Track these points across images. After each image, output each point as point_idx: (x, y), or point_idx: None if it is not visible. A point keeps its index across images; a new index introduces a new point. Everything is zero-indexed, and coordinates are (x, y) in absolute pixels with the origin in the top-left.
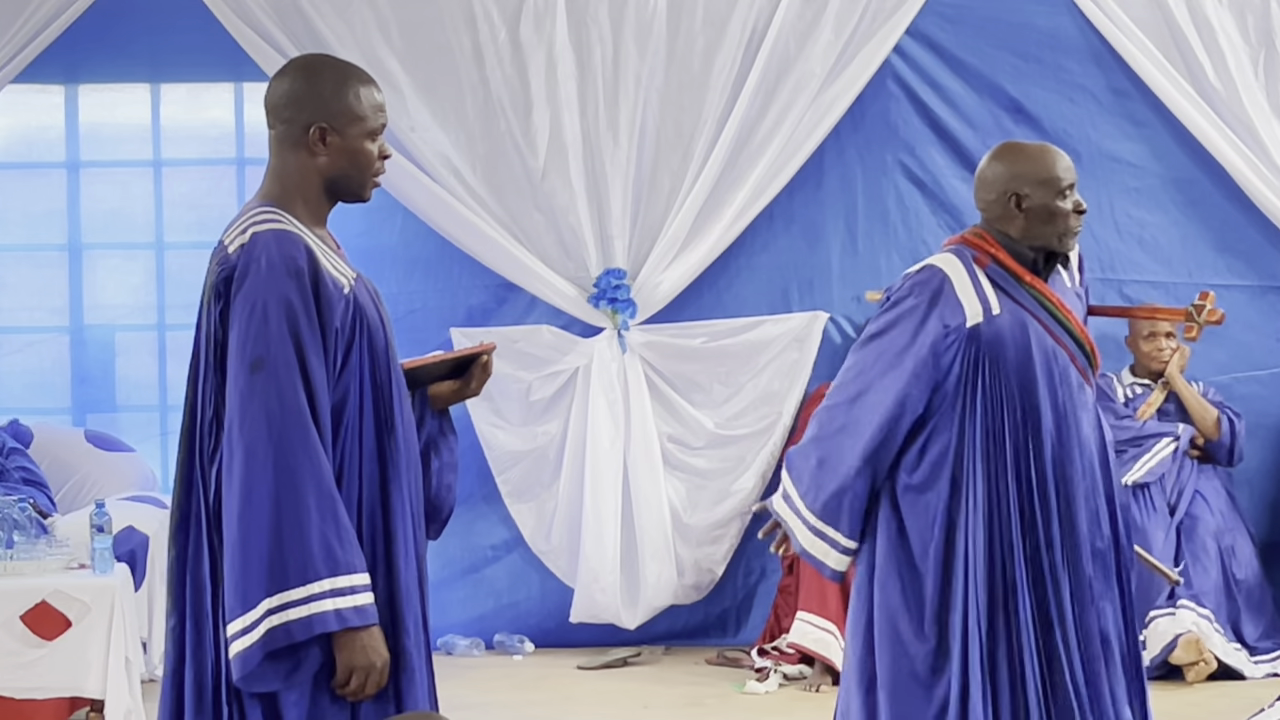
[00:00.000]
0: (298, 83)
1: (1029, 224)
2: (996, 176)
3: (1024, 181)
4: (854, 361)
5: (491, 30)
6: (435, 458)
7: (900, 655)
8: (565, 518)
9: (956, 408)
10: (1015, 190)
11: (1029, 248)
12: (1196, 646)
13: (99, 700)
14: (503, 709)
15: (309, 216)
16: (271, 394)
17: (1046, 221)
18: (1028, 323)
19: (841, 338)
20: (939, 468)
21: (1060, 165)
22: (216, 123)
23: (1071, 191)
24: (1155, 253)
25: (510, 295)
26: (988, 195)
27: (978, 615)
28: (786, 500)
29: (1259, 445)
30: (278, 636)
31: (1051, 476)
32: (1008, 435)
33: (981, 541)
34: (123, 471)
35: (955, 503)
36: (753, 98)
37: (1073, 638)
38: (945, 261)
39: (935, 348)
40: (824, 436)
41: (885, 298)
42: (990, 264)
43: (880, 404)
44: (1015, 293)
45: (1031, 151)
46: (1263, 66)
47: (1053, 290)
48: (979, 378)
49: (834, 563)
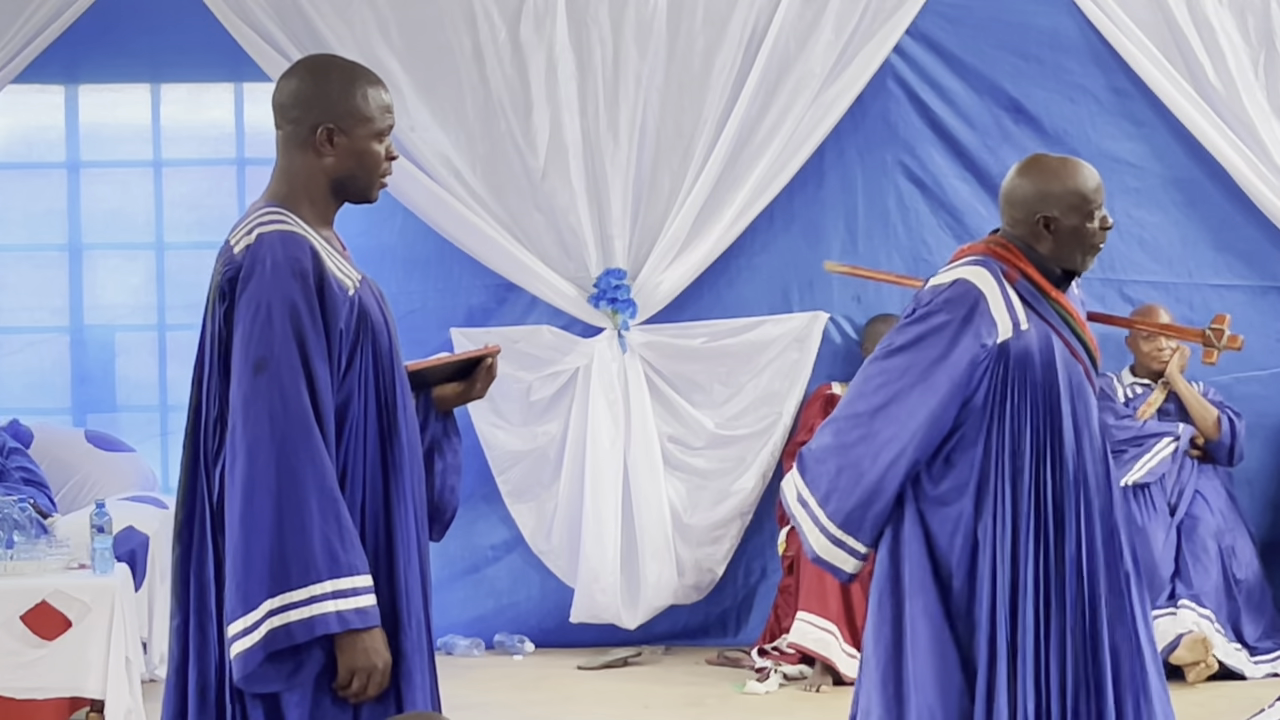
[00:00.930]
0: (305, 83)
1: (1058, 245)
2: (1026, 196)
3: (1055, 204)
4: (876, 371)
5: (491, 30)
6: (439, 459)
7: (939, 659)
8: (565, 518)
9: (984, 422)
10: (1045, 213)
11: (1056, 264)
12: (1203, 646)
13: (99, 700)
14: (503, 709)
15: (315, 217)
16: (275, 395)
17: (1076, 243)
18: (1052, 338)
19: (841, 338)
20: (964, 480)
21: (1091, 186)
22: (216, 123)
23: (1100, 210)
24: (1155, 253)
25: (510, 295)
26: (1015, 214)
27: (1004, 630)
28: (803, 505)
29: (1259, 445)
30: (279, 637)
31: (1072, 491)
32: (1031, 450)
33: (1007, 556)
34: (123, 471)
35: (980, 516)
36: (753, 98)
37: (1093, 650)
38: (977, 276)
39: (971, 364)
40: (844, 445)
41: (911, 310)
42: (1020, 279)
43: (909, 417)
44: (1041, 308)
45: (1063, 171)
46: (1263, 66)
47: (1069, 300)
48: (1008, 392)
49: (850, 569)
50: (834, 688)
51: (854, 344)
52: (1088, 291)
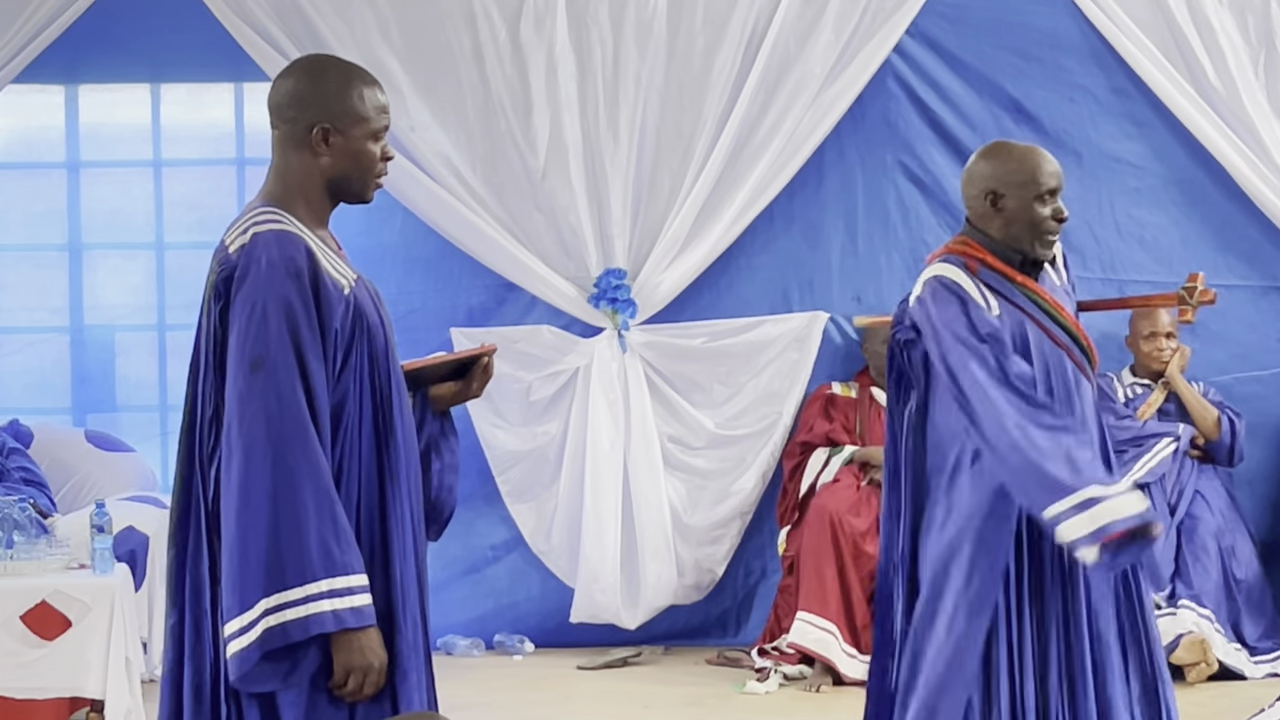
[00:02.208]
0: (301, 83)
1: (1006, 225)
2: (979, 174)
3: (1003, 181)
4: (968, 379)
5: (491, 30)
6: (436, 459)
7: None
8: (565, 518)
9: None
10: (994, 189)
11: (1010, 249)
12: (1201, 647)
13: (99, 700)
14: (503, 709)
15: (311, 217)
16: (270, 394)
17: (1024, 225)
18: (1026, 325)
19: (841, 338)
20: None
21: (1044, 169)
22: (216, 123)
23: (1053, 198)
24: (1155, 253)
25: (510, 295)
26: (970, 190)
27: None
28: (1088, 506)
29: (1259, 445)
30: (275, 637)
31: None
32: None
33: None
34: (123, 471)
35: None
36: (753, 98)
37: (1075, 639)
38: (941, 269)
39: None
40: (1013, 467)
41: (895, 334)
42: (981, 269)
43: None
44: (1010, 294)
45: (1017, 152)
46: (1263, 66)
47: (1043, 288)
48: None
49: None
50: (834, 688)
51: (854, 344)
52: (1088, 292)
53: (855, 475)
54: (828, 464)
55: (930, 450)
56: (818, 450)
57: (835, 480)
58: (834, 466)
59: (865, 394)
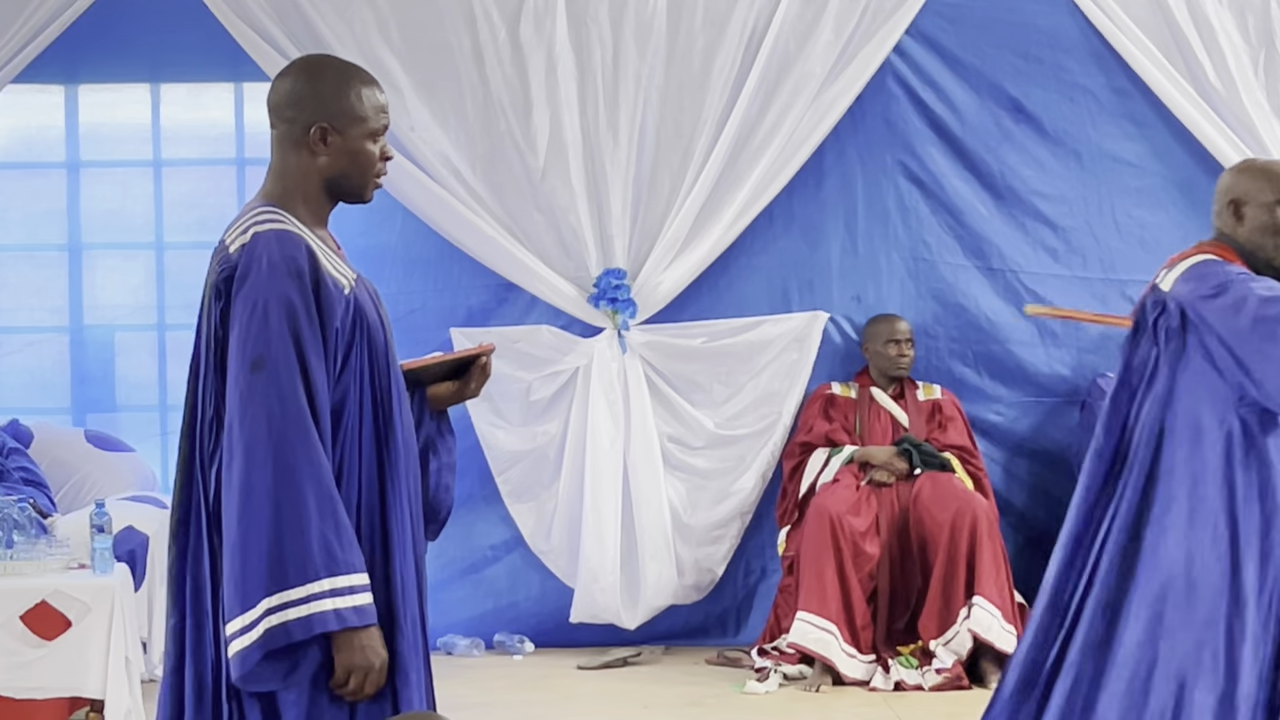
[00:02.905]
0: (300, 82)
1: (1250, 235)
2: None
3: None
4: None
5: (491, 30)
6: (434, 458)
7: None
8: (565, 518)
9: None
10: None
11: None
12: None
13: (99, 700)
14: (503, 709)
15: (310, 217)
16: (271, 394)
17: (1273, 234)
18: None
19: (841, 338)
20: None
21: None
22: (216, 123)
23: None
24: (1156, 253)
25: (510, 295)
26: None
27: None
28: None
29: None
30: (276, 636)
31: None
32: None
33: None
34: (123, 471)
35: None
36: (753, 98)
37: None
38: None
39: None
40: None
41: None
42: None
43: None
44: None
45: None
46: (1263, 66)
47: None
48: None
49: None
50: (834, 688)
51: (854, 344)
52: (1089, 291)
53: (855, 475)
54: (828, 464)
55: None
56: (817, 450)
57: (835, 480)
58: (834, 466)
59: (865, 394)
